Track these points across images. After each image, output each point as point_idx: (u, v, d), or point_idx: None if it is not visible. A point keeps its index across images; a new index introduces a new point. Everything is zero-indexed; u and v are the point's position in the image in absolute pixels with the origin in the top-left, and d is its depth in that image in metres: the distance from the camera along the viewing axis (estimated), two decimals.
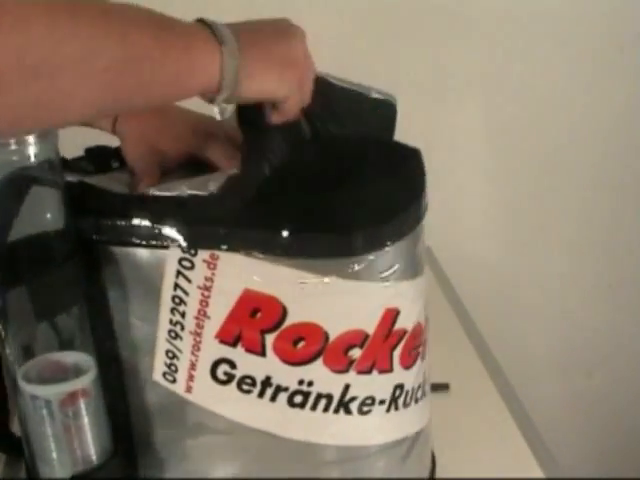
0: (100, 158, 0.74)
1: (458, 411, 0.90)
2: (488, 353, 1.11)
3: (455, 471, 0.79)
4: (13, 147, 0.60)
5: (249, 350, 0.64)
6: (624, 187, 1.59)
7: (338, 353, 0.65)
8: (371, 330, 0.66)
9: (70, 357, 0.67)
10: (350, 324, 0.65)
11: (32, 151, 0.61)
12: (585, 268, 1.64)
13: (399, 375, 0.69)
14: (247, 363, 0.65)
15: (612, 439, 1.74)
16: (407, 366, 0.70)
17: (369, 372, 0.67)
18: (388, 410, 0.69)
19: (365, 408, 0.68)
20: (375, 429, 0.70)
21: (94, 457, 0.68)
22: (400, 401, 0.70)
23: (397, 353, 0.68)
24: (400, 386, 0.69)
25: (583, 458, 1.70)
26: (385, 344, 0.67)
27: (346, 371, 0.66)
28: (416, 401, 0.72)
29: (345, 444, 0.69)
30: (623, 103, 1.54)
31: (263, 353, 0.64)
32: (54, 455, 0.67)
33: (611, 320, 1.67)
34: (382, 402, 0.68)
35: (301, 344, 0.64)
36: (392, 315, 0.66)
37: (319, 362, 0.65)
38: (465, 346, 1.10)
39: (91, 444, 0.68)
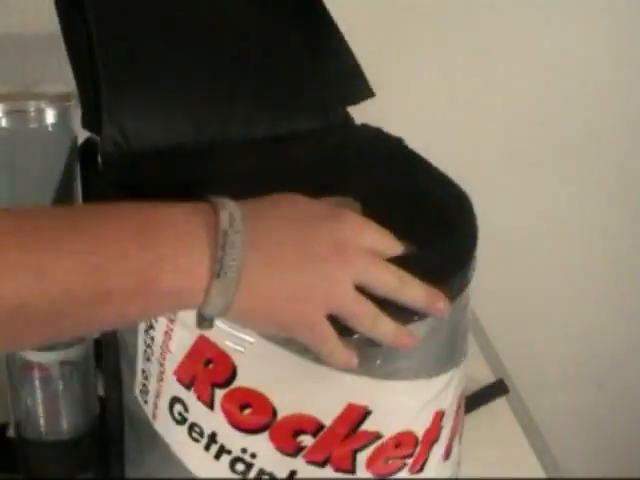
0: None
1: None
2: (496, 361, 1.05)
3: None
4: (32, 114, 0.62)
5: (199, 398, 0.59)
6: None
7: (286, 434, 0.58)
8: (327, 422, 0.57)
9: None
10: (301, 407, 0.57)
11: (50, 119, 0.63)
12: (599, 275, 1.48)
13: None
14: (197, 411, 0.60)
15: (623, 453, 1.60)
16: (379, 474, 0.59)
17: (321, 465, 0.58)
18: None
19: None
20: None
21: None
22: None
23: (363, 456, 0.58)
24: None
25: (593, 471, 1.58)
26: (345, 442, 0.58)
27: (294, 456, 0.58)
28: None
29: None
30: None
31: (211, 406, 0.59)
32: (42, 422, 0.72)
33: (624, 329, 1.52)
34: None
35: (247, 411, 0.58)
36: (358, 414, 0.57)
37: (264, 436, 0.58)
38: (473, 353, 0.98)
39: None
